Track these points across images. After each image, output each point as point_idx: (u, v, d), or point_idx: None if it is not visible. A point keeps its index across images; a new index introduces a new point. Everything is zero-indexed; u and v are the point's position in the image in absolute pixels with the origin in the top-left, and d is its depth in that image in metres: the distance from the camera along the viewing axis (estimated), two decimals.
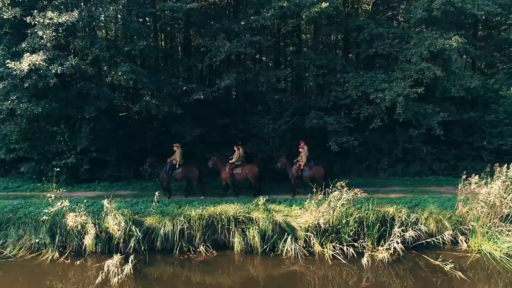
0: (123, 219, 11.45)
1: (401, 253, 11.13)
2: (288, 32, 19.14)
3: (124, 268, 10.00)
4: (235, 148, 14.68)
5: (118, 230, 11.15)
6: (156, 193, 12.25)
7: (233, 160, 14.52)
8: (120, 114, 18.56)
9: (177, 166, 14.38)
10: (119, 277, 9.74)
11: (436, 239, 11.76)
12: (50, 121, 15.83)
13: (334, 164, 17.91)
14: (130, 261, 10.03)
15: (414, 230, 11.33)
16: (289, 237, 11.71)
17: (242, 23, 15.37)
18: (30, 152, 16.20)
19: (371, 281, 10.42)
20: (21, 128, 15.87)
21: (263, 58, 22.02)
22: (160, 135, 17.98)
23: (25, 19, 13.75)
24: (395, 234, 11.20)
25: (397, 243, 10.95)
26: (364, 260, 10.85)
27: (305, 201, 12.83)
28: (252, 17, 15.37)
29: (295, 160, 14.72)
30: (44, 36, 13.56)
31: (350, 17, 17.62)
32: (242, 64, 17.15)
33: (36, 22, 13.38)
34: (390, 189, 15.88)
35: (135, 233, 11.25)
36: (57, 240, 11.53)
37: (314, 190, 12.29)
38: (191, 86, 15.23)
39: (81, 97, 15.00)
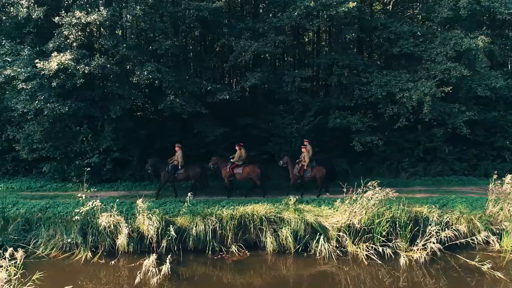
0: (156, 219, 11.40)
1: (438, 253, 11.06)
2: (308, 32, 19.09)
3: (162, 268, 9.93)
4: (236, 147, 14.68)
5: (152, 230, 11.10)
6: (189, 193, 12.20)
7: (234, 159, 14.52)
8: (135, 114, 18.52)
9: (179, 166, 14.36)
10: (158, 277, 9.69)
11: (471, 239, 11.68)
12: (73, 121, 15.82)
13: (356, 164, 17.90)
14: (167, 261, 9.97)
15: (451, 230, 11.26)
16: (322, 237, 11.66)
17: (263, 22, 15.35)
18: (53, 152, 16.15)
19: (408, 280, 10.37)
20: (44, 128, 15.81)
21: (276, 59, 21.99)
22: (181, 134, 17.94)
23: (52, 18, 13.73)
24: (431, 234, 11.15)
25: (433, 243, 10.87)
26: (402, 261, 10.81)
27: (335, 200, 12.84)
28: (276, 17, 15.33)
29: (297, 160, 14.67)
30: (71, 35, 13.53)
31: (372, 16, 17.55)
32: (264, 63, 17.08)
33: (64, 22, 13.34)
34: (414, 189, 15.85)
35: (170, 233, 11.18)
36: (89, 240, 11.48)
37: (345, 189, 12.21)
38: (215, 86, 15.18)
39: (106, 97, 14.96)
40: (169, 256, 10.17)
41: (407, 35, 16.00)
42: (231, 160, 14.58)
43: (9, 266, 7.42)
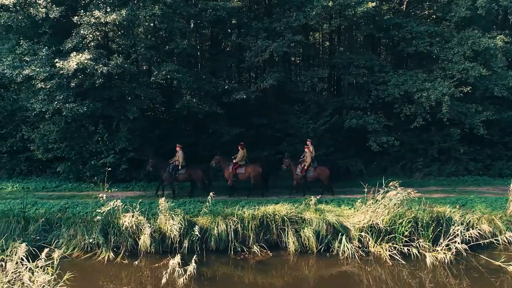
0: (179, 219, 11.38)
1: (464, 253, 11.03)
2: (315, 32, 19.04)
3: (187, 268, 9.88)
4: (239, 147, 14.68)
5: (175, 231, 11.08)
6: (211, 193, 12.17)
7: (236, 159, 14.53)
8: (146, 114, 18.46)
9: (179, 167, 14.33)
10: (184, 277, 9.65)
11: (495, 240, 11.65)
12: (89, 121, 15.78)
13: (371, 164, 17.87)
14: (193, 261, 9.92)
15: (476, 230, 11.23)
16: (344, 237, 11.63)
17: (279, 22, 15.31)
18: (68, 152, 16.11)
19: (432, 281, 10.35)
20: (59, 128, 15.78)
21: (292, 59, 21.94)
22: (195, 134, 17.91)
23: (72, 18, 13.71)
24: (455, 234, 11.12)
25: (459, 243, 10.85)
26: (426, 261, 10.79)
27: (356, 201, 12.83)
28: (292, 16, 15.29)
29: (299, 160, 14.60)
30: (90, 34, 13.50)
31: (384, 16, 17.47)
32: (278, 64, 17.04)
33: (82, 21, 13.31)
34: (429, 189, 15.80)
35: (194, 234, 11.15)
36: (112, 240, 11.45)
37: (366, 189, 12.18)
38: (232, 85, 15.15)
39: (123, 97, 14.93)
40: (194, 257, 10.12)
41: (423, 34, 15.96)
42: (234, 160, 14.59)
43: (47, 267, 7.37)
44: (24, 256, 7.50)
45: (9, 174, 17.61)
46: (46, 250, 7.70)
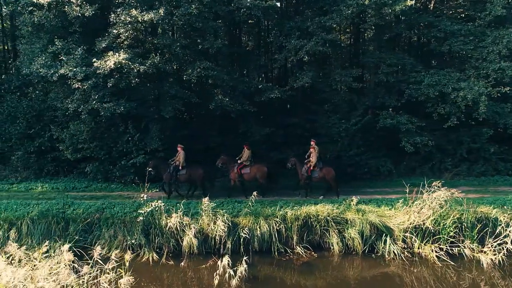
0: (227, 220, 11.29)
1: None
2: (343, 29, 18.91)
3: (237, 269, 9.76)
4: (244, 147, 14.58)
5: (222, 231, 10.97)
6: (254, 193, 12.05)
7: (242, 160, 14.44)
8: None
9: (180, 167, 14.23)
10: (236, 279, 9.53)
11: None
12: (120, 121, 15.65)
13: (400, 164, 17.74)
14: (244, 262, 9.80)
15: None
16: (388, 238, 11.50)
17: (311, 21, 15.19)
18: (98, 152, 16.00)
19: (481, 282, 10.23)
20: (90, 128, 15.67)
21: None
22: (221, 135, 17.79)
23: (104, 16, 13.61)
24: (505, 234, 10.98)
25: (510, 244, 10.71)
26: (484, 262, 10.66)
27: (396, 202, 12.71)
28: (325, 15, 15.17)
29: (305, 161, 14.51)
30: (124, 34, 13.38)
31: (419, 15, 17.32)
32: (310, 63, 16.92)
33: (118, 20, 13.20)
34: (462, 190, 15.41)
35: (242, 235, 11.04)
36: (156, 241, 11.35)
37: (407, 189, 12.06)
38: (265, 84, 15.04)
39: (157, 96, 14.82)
40: (245, 258, 10.00)
41: (457, 33, 15.83)
42: (239, 161, 14.49)
43: (119, 269, 7.25)
44: (98, 258, 7.36)
45: (36, 174, 17.52)
46: (116, 251, 7.57)
